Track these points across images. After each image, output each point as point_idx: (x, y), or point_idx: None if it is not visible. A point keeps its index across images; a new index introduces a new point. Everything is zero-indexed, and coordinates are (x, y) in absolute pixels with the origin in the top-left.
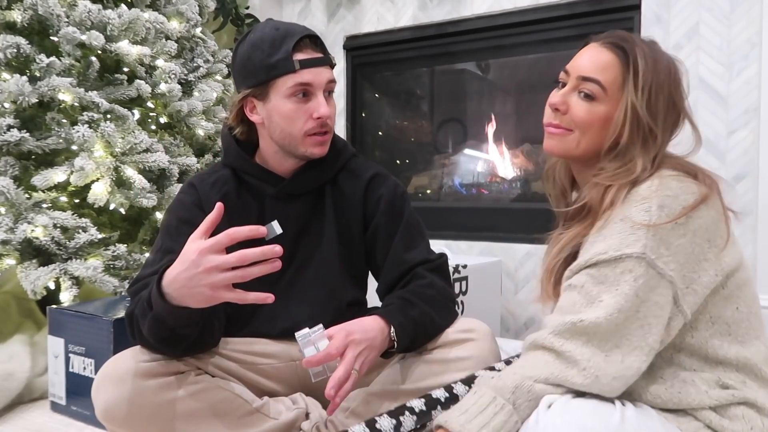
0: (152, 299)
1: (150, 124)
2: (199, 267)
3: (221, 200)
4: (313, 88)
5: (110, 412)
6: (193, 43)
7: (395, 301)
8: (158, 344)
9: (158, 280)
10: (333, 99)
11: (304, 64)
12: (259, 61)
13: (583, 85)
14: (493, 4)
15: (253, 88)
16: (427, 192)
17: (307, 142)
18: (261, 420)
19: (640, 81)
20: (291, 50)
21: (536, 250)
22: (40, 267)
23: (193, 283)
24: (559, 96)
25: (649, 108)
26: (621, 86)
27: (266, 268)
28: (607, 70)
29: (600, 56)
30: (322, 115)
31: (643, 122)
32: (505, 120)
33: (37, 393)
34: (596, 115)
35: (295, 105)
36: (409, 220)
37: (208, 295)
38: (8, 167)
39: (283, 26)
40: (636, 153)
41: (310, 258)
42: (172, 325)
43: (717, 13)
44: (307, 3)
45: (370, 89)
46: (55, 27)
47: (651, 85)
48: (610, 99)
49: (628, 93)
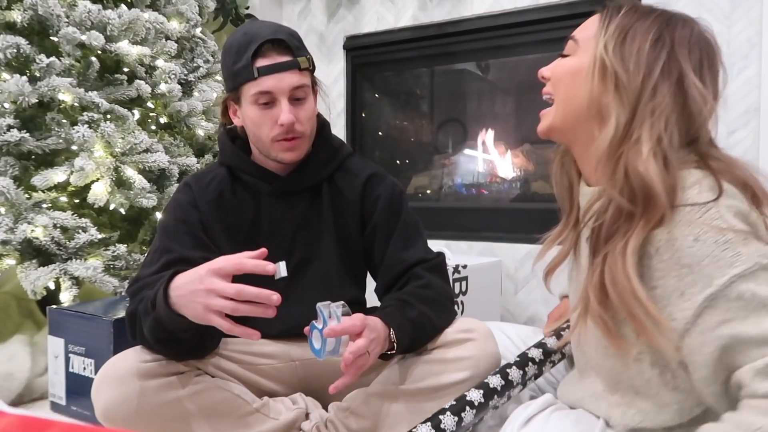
0: (156, 299)
1: (150, 124)
2: (202, 284)
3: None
4: (276, 95)
5: (110, 413)
6: (193, 43)
7: (393, 303)
8: (157, 345)
9: (167, 281)
10: (310, 101)
11: (263, 71)
12: (227, 68)
13: (565, 47)
14: (493, 4)
15: (229, 93)
16: (427, 192)
17: (276, 148)
18: (261, 420)
19: (611, 25)
20: (251, 57)
21: (536, 251)
22: (40, 267)
23: (192, 296)
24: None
25: (619, 50)
26: (594, 37)
27: (258, 310)
28: (586, 27)
29: (588, 20)
30: (283, 122)
31: (608, 66)
32: (505, 120)
33: (37, 393)
34: (567, 68)
35: (260, 111)
36: (407, 220)
37: (200, 312)
38: (8, 167)
39: (252, 30)
40: (611, 106)
41: (309, 257)
42: (170, 328)
43: (717, 13)
44: (307, 3)
45: (370, 89)
46: (55, 27)
47: (629, 29)
48: (581, 51)
49: (598, 38)
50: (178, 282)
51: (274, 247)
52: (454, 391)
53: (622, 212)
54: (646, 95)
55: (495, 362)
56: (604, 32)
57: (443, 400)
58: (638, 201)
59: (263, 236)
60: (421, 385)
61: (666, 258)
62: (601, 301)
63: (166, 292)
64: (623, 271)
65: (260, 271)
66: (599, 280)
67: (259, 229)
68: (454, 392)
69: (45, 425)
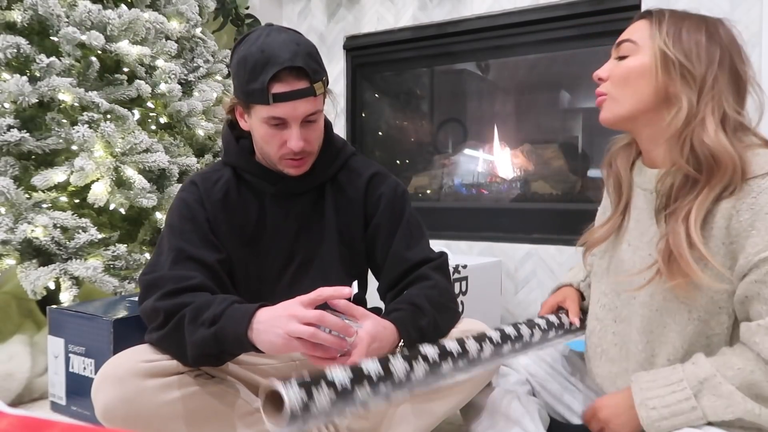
0: (227, 319)
1: (150, 124)
2: (286, 311)
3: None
4: (288, 121)
5: (110, 413)
6: (193, 43)
7: (406, 306)
8: (192, 352)
9: (255, 309)
10: (320, 121)
11: (279, 98)
12: (239, 82)
13: (618, 49)
14: (493, 4)
15: (239, 100)
16: (427, 192)
17: (283, 164)
18: (261, 420)
19: (665, 24)
20: (267, 82)
21: (536, 250)
22: (40, 267)
23: (274, 322)
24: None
25: (679, 45)
26: (649, 38)
27: (335, 341)
28: (637, 30)
29: (632, 25)
30: (292, 149)
31: (674, 60)
32: (505, 120)
33: (37, 393)
34: (630, 68)
35: (271, 130)
36: (410, 219)
37: (279, 339)
38: (8, 167)
39: (270, 49)
40: (680, 93)
41: (311, 257)
42: (228, 350)
43: (717, 13)
44: (307, 3)
45: (370, 89)
46: (55, 27)
47: (681, 28)
48: (641, 50)
49: (654, 37)
50: (266, 313)
51: (277, 247)
52: (455, 391)
53: (688, 179)
54: (709, 82)
55: None
56: (660, 32)
57: (444, 401)
58: (703, 169)
59: (267, 237)
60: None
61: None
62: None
63: (250, 318)
64: (686, 228)
65: (337, 295)
66: (666, 241)
67: (263, 229)
68: (455, 392)
69: (45, 425)
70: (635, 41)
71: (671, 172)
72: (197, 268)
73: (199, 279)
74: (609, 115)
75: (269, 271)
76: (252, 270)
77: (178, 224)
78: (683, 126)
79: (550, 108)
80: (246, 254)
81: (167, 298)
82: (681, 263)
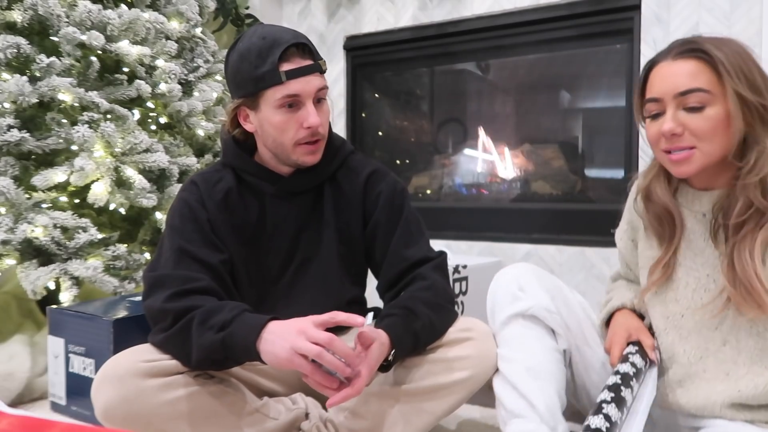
0: (238, 326)
1: (150, 124)
2: (297, 327)
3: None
4: (302, 98)
5: (110, 412)
6: (193, 43)
7: (399, 311)
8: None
9: (267, 320)
10: (326, 103)
11: (291, 75)
12: (246, 72)
13: (686, 100)
14: (493, 4)
15: (243, 98)
16: (427, 192)
17: (298, 151)
18: (261, 420)
19: (729, 68)
20: (277, 61)
21: (536, 250)
22: (40, 267)
23: (283, 336)
24: (668, 121)
25: (752, 87)
26: (718, 83)
27: (338, 365)
28: (699, 75)
29: (682, 68)
30: (312, 125)
31: (752, 102)
32: (505, 120)
33: (37, 393)
34: (715, 120)
35: (285, 115)
36: (409, 217)
37: (282, 355)
38: (8, 167)
39: (270, 34)
40: (761, 135)
41: (310, 257)
42: (233, 356)
43: (717, 13)
44: (307, 3)
45: (370, 89)
46: (55, 27)
47: (740, 68)
48: (717, 98)
49: (726, 83)
50: (277, 325)
51: (277, 247)
52: (454, 391)
53: (752, 205)
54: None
55: (494, 361)
56: (728, 76)
57: (443, 400)
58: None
59: (267, 236)
60: (421, 384)
61: None
62: (733, 282)
63: (261, 327)
64: (750, 253)
65: (351, 322)
66: (729, 263)
67: (262, 229)
68: (454, 392)
69: (45, 425)
70: (709, 90)
71: (728, 193)
72: (201, 269)
73: (206, 281)
74: (696, 166)
75: (269, 270)
76: (252, 269)
77: (180, 224)
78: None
79: (550, 108)
80: (246, 254)
81: (175, 300)
82: (754, 296)
